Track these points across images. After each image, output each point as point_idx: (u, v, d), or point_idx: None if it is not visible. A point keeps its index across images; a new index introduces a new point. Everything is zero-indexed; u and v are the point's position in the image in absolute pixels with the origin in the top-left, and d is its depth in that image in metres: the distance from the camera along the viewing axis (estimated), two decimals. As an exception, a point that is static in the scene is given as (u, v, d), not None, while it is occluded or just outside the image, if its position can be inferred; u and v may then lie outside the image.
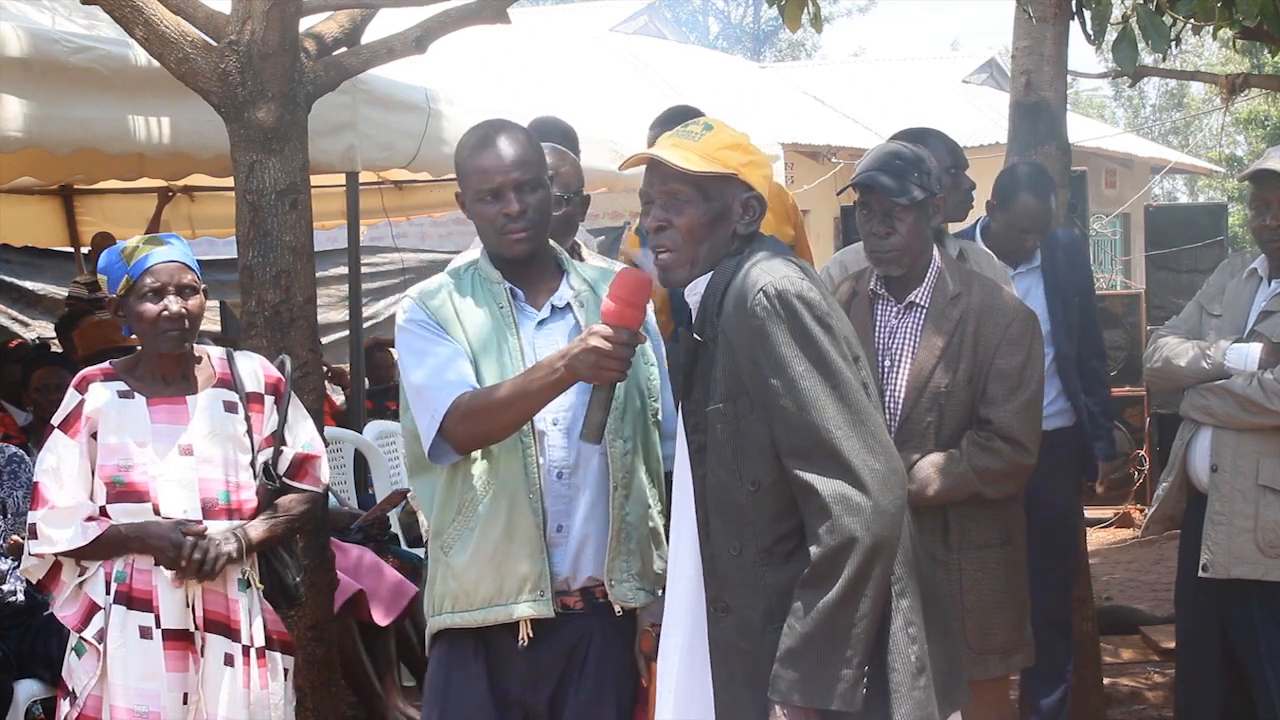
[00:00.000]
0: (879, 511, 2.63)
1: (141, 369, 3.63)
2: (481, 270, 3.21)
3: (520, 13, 6.12)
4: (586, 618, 3.13)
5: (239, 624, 3.56)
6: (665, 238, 2.83)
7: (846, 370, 2.70)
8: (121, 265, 3.58)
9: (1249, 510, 4.21)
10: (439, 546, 3.13)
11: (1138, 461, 9.80)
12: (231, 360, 3.71)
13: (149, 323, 3.55)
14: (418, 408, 3.10)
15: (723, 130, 2.86)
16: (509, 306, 3.16)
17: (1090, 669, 5.57)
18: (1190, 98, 34.74)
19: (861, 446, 2.65)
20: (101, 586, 3.51)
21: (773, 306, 2.68)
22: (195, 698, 3.49)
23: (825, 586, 2.61)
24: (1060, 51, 5.48)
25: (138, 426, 3.53)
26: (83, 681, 3.49)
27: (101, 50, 5.20)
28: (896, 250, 3.71)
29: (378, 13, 4.58)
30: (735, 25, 41.10)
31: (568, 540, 3.11)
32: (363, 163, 6.37)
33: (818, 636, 2.61)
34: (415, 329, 3.14)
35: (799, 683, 2.62)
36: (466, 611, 3.10)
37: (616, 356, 2.89)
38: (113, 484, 3.51)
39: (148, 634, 3.48)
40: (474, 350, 3.11)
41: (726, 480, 2.75)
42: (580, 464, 3.13)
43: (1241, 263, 4.49)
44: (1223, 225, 10.04)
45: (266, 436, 3.68)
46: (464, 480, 3.10)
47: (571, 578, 3.12)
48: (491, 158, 3.13)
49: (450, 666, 3.15)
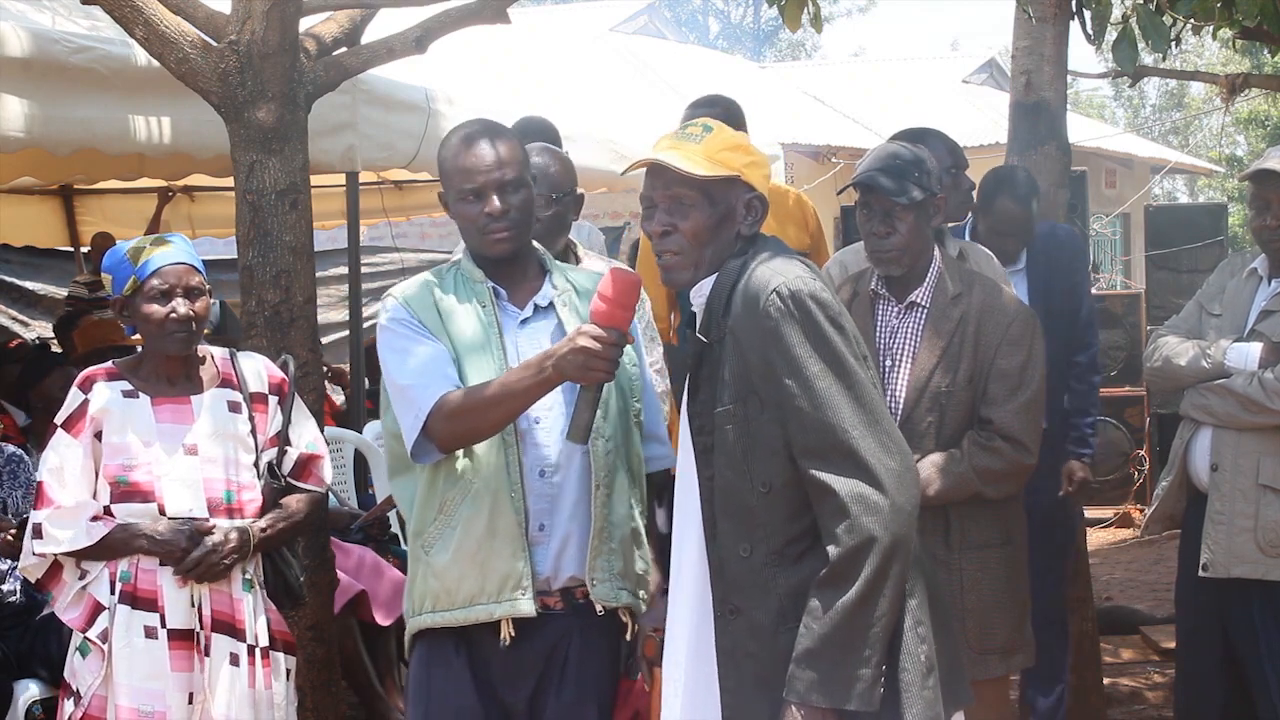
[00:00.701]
0: (896, 510, 2.63)
1: (145, 369, 3.63)
2: (464, 270, 3.21)
3: (520, 13, 6.11)
4: (566, 618, 3.13)
5: (244, 624, 3.57)
6: (670, 242, 2.83)
7: (860, 370, 2.70)
8: (128, 266, 3.58)
9: (1249, 510, 4.22)
10: (420, 546, 3.13)
11: (1138, 461, 9.80)
12: (235, 360, 3.71)
13: (156, 324, 3.55)
14: (400, 407, 3.09)
15: (723, 131, 2.86)
16: (492, 306, 3.16)
17: (1090, 669, 5.57)
18: (1190, 98, 34.74)
19: (877, 445, 2.65)
20: (106, 587, 3.51)
21: (786, 307, 2.68)
22: (200, 697, 3.49)
23: (844, 586, 2.61)
24: (1060, 51, 5.48)
25: (142, 426, 3.54)
26: (87, 681, 3.49)
27: (101, 50, 5.19)
28: (896, 250, 3.71)
29: (378, 13, 4.58)
30: (735, 25, 41.10)
31: (549, 539, 3.11)
32: (363, 163, 6.36)
33: (836, 637, 2.61)
34: (398, 328, 3.14)
35: (818, 683, 2.61)
36: (448, 611, 3.09)
37: (605, 357, 2.88)
38: (117, 484, 3.51)
39: (153, 634, 3.48)
40: (457, 350, 3.11)
41: (736, 482, 2.74)
42: (562, 463, 3.13)
43: (1241, 262, 4.50)
44: (1223, 225, 10.04)
45: (271, 437, 3.68)
46: (445, 479, 3.10)
47: (553, 577, 3.12)
48: (474, 157, 3.14)
49: (432, 666, 3.15)
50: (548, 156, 4.00)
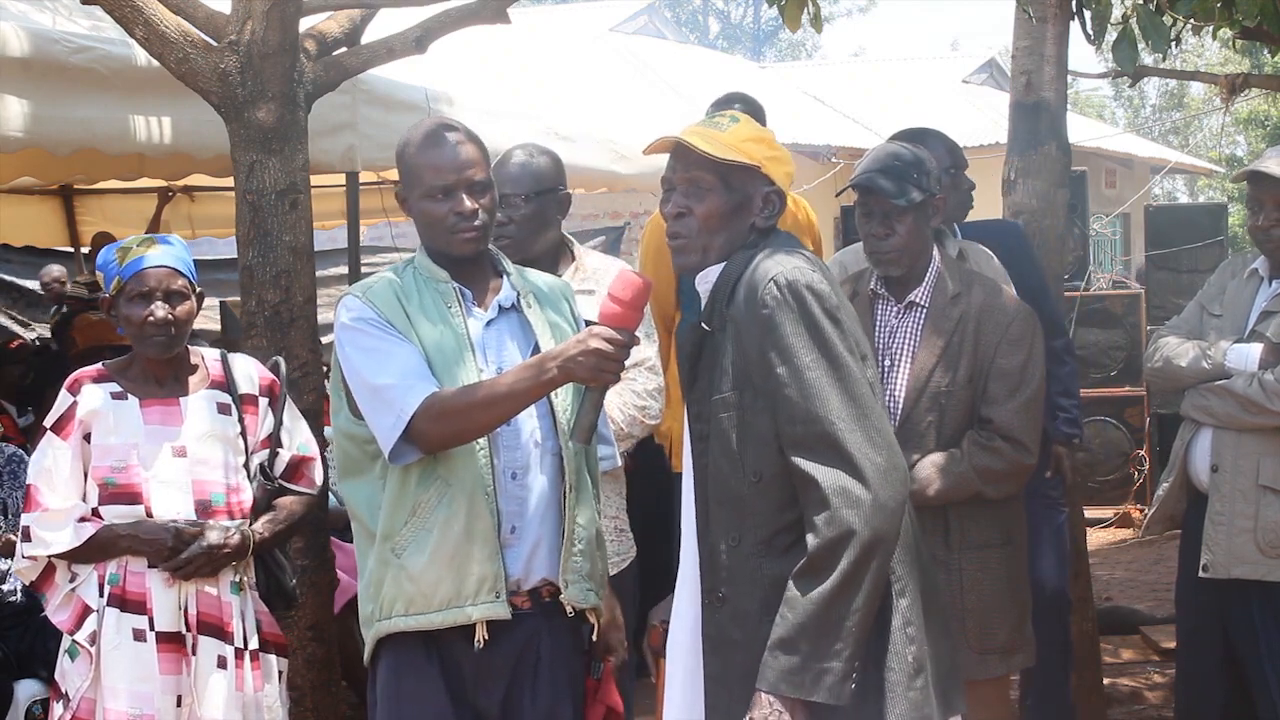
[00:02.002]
0: (878, 506, 2.62)
1: (134, 370, 3.62)
2: (423, 269, 3.17)
3: (520, 13, 6.12)
4: (535, 618, 3.11)
5: (232, 626, 3.54)
6: (684, 224, 2.84)
7: (853, 363, 2.70)
8: (115, 265, 3.56)
9: (1249, 510, 4.21)
10: (390, 549, 3.05)
11: (1138, 461, 9.80)
12: (226, 362, 3.69)
13: (136, 326, 3.53)
14: (375, 408, 3.02)
15: (749, 124, 2.88)
16: (459, 307, 3.13)
17: (1090, 669, 5.56)
18: (1190, 98, 34.74)
19: (864, 439, 2.65)
20: (94, 589, 3.49)
21: (782, 296, 2.69)
22: (189, 700, 3.47)
23: (820, 577, 2.61)
24: (1060, 51, 5.48)
25: (131, 428, 3.52)
26: (76, 684, 3.47)
27: (102, 50, 5.20)
28: (895, 251, 3.71)
29: (378, 13, 4.58)
30: (735, 25, 41.13)
31: (520, 541, 3.09)
32: (363, 163, 6.36)
33: (809, 627, 2.61)
34: (366, 327, 3.07)
35: (786, 673, 2.61)
36: (423, 614, 3.03)
37: (617, 359, 2.87)
38: (105, 485, 3.49)
39: (141, 636, 3.46)
40: (427, 351, 3.06)
41: (729, 470, 2.75)
42: (532, 465, 3.11)
43: (1242, 263, 4.50)
44: (1223, 225, 10.03)
45: (262, 439, 3.67)
46: (419, 481, 3.04)
47: (523, 579, 3.09)
48: (445, 155, 3.11)
49: (402, 673, 3.08)
50: (528, 153, 3.99)
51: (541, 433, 3.13)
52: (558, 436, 3.13)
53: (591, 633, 3.24)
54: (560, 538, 3.12)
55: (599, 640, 3.25)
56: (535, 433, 3.12)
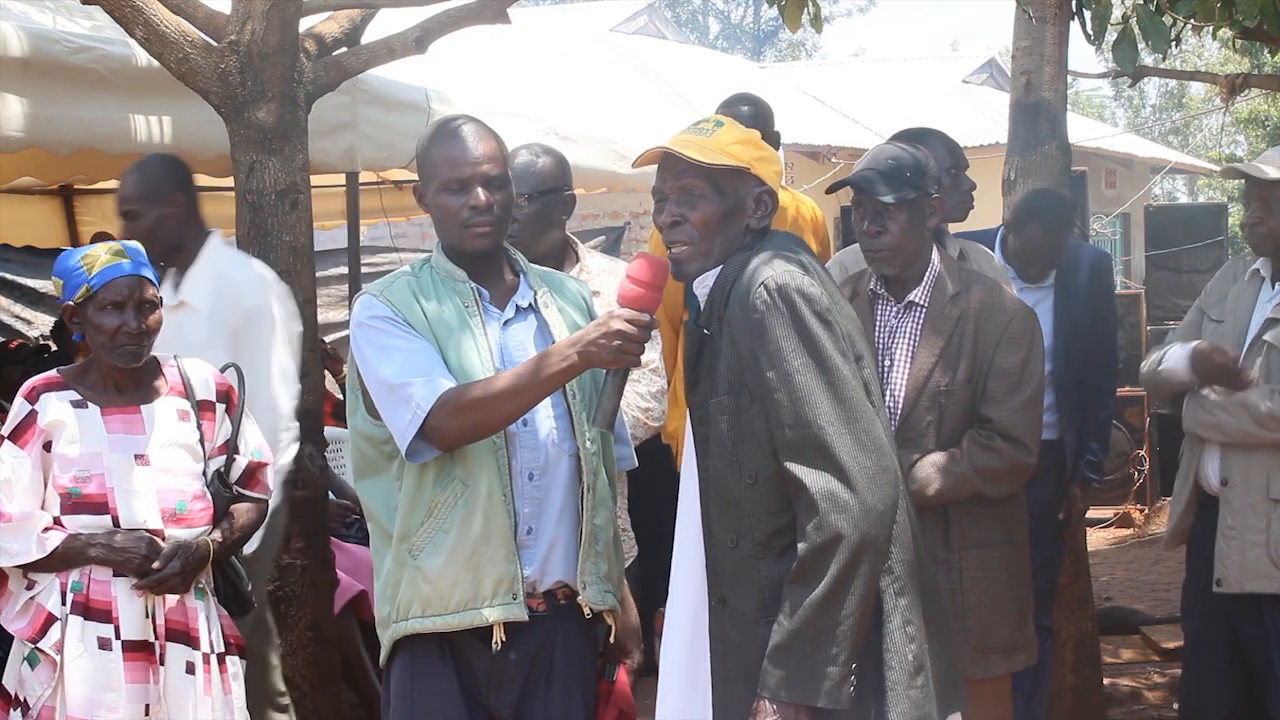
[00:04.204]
0: (866, 509, 2.63)
1: (93, 377, 3.56)
2: (440, 268, 3.15)
3: (520, 13, 6.11)
4: (549, 620, 3.10)
5: (199, 632, 3.52)
6: (680, 232, 2.84)
7: (844, 367, 2.70)
8: (82, 274, 3.48)
9: (1261, 524, 4.18)
10: (406, 550, 3.04)
11: (1137, 461, 9.79)
12: (181, 367, 3.64)
13: (107, 335, 3.47)
14: (392, 405, 3.00)
15: (734, 127, 2.89)
16: (476, 306, 3.11)
17: (1090, 669, 5.56)
18: (1190, 98, 34.71)
19: (853, 443, 2.66)
20: (57, 597, 3.43)
21: (773, 300, 2.70)
22: (157, 708, 3.44)
23: (812, 583, 2.63)
24: (1060, 51, 5.48)
25: (94, 437, 3.46)
26: (36, 693, 3.42)
27: (101, 50, 5.19)
28: (888, 250, 3.71)
29: (378, 13, 4.59)
30: (735, 25, 41.13)
31: (537, 543, 3.07)
32: (363, 163, 6.35)
33: (804, 633, 2.63)
34: (382, 325, 3.06)
35: (786, 680, 2.63)
36: (439, 615, 3.02)
37: (639, 340, 2.85)
38: (69, 495, 3.44)
39: (107, 645, 3.41)
40: (444, 350, 3.05)
41: (726, 472, 2.76)
42: (549, 466, 3.09)
43: (1243, 265, 4.47)
44: (1223, 225, 10.05)
45: (219, 445, 3.63)
46: (436, 482, 3.03)
47: (539, 580, 3.08)
48: (462, 149, 3.10)
49: (417, 675, 3.07)
50: (533, 152, 3.99)
51: (559, 433, 3.11)
52: (575, 437, 3.11)
53: (607, 634, 3.22)
54: (577, 539, 3.10)
55: (616, 642, 3.24)
56: (553, 433, 3.10)
